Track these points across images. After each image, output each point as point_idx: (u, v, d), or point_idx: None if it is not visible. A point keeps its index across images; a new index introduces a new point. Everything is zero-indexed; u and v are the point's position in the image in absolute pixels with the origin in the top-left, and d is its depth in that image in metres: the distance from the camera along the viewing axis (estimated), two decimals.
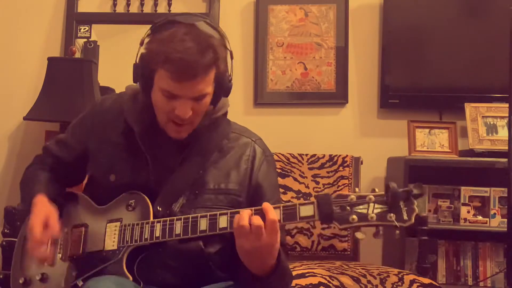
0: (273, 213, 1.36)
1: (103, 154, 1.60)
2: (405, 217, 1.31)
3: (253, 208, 1.39)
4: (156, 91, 1.48)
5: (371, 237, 1.45)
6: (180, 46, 1.40)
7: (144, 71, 1.48)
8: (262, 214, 1.36)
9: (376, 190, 1.35)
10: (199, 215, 1.44)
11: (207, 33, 1.46)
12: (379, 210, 1.32)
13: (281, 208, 1.38)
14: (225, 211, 1.43)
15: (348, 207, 1.33)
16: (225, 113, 1.65)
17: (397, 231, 1.33)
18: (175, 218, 1.46)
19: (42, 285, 1.59)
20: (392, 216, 1.31)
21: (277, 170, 2.68)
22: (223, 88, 1.52)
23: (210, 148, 1.58)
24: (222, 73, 1.50)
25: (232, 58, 1.55)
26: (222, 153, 1.59)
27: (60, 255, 1.58)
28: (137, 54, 1.51)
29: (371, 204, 1.33)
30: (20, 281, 1.62)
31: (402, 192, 1.32)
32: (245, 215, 1.36)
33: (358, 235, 1.35)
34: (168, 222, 1.46)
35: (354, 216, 1.32)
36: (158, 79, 1.46)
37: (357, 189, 1.36)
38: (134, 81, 1.53)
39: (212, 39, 1.45)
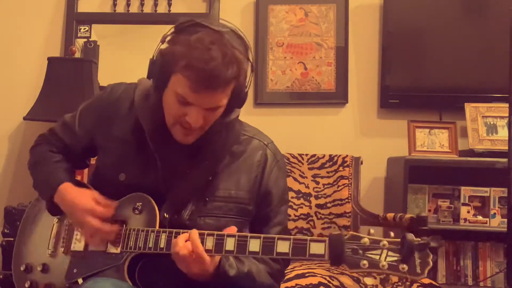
0: (196, 243, 1.37)
1: (112, 150, 1.56)
2: (418, 270, 1.26)
3: (189, 232, 1.40)
4: (169, 93, 1.43)
5: None
6: (206, 54, 1.34)
7: (161, 70, 1.42)
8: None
9: (392, 234, 1.30)
10: (205, 233, 1.40)
11: (233, 45, 1.39)
12: (391, 259, 1.27)
13: (291, 240, 1.35)
14: (232, 234, 1.39)
15: (360, 251, 1.28)
16: (237, 116, 1.62)
17: (407, 283, 1.30)
18: (181, 231, 1.42)
19: (42, 276, 1.59)
20: (404, 268, 1.26)
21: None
22: (239, 100, 1.48)
23: (221, 152, 1.54)
24: (241, 86, 1.45)
25: (252, 70, 1.49)
26: (233, 158, 1.56)
27: (63, 249, 1.58)
28: (155, 50, 1.45)
29: (384, 251, 1.28)
30: (21, 268, 1.62)
31: (418, 244, 1.26)
32: (179, 241, 1.38)
33: (367, 280, 1.31)
34: (174, 234, 1.43)
35: (365, 262, 1.28)
36: (174, 82, 1.41)
37: (372, 231, 1.31)
38: (149, 77, 1.48)
39: (238, 52, 1.40)
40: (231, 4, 3.15)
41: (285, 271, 1.67)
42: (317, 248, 1.33)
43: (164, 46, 1.45)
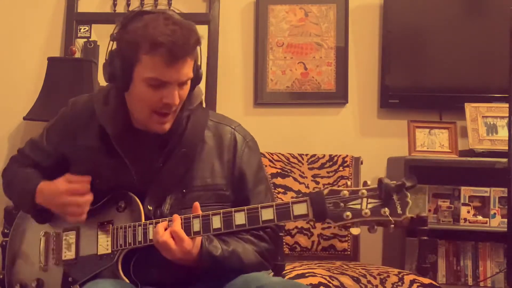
0: (177, 224, 1.40)
1: (82, 160, 1.58)
2: (399, 211, 1.31)
3: (168, 220, 1.43)
4: (138, 84, 1.45)
5: (371, 237, 1.44)
6: (166, 29, 1.40)
7: (122, 65, 1.44)
8: None
9: (369, 183, 1.34)
10: (191, 215, 1.43)
11: (181, 19, 1.47)
12: (372, 205, 1.32)
13: (274, 207, 1.38)
14: (217, 211, 1.42)
15: (341, 204, 1.33)
16: (201, 102, 1.64)
17: (392, 225, 1.32)
18: (167, 219, 1.45)
19: None
20: (386, 211, 1.31)
21: (277, 170, 2.71)
22: (198, 74, 1.52)
23: (192, 140, 1.56)
24: (197, 59, 1.50)
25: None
26: (203, 145, 1.57)
27: (54, 260, 1.58)
28: (107, 52, 1.48)
29: (364, 199, 1.32)
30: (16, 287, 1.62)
31: (395, 186, 1.31)
32: (159, 229, 1.41)
33: (353, 230, 1.34)
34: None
35: (348, 213, 1.32)
36: (141, 69, 1.43)
37: (349, 183, 1.36)
38: (107, 81, 1.50)
39: (191, 23, 1.47)
40: (231, 4, 3.15)
41: (285, 268, 1.69)
42: (300, 209, 1.36)
43: (117, 43, 1.47)
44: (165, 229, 1.42)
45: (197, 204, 1.46)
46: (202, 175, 1.55)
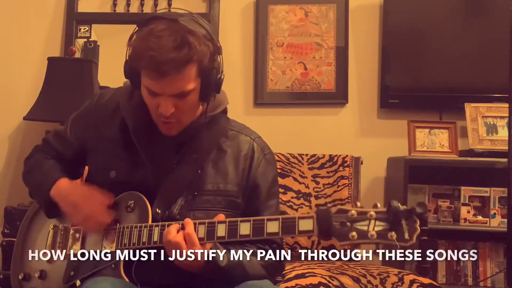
0: (190, 227, 1.40)
1: (102, 150, 1.60)
2: (407, 236, 1.29)
3: (181, 223, 1.43)
4: (142, 89, 1.48)
5: None
6: (154, 43, 1.39)
7: (130, 69, 1.48)
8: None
9: (378, 205, 1.32)
10: (197, 222, 1.43)
11: (187, 29, 1.42)
12: (380, 228, 1.29)
13: (280, 220, 1.37)
14: (223, 220, 1.42)
15: (348, 223, 1.31)
16: (224, 110, 1.64)
17: (398, 250, 1.31)
18: (180, 222, 1.45)
19: (41, 282, 1.60)
20: (393, 235, 1.28)
21: (277, 170, 2.70)
22: (211, 83, 1.48)
23: (208, 146, 1.57)
24: (208, 69, 1.46)
25: (220, 53, 1.51)
26: (221, 152, 1.58)
27: (59, 253, 1.59)
28: (126, 52, 1.51)
29: (372, 221, 1.30)
30: (20, 277, 1.63)
31: (404, 211, 1.29)
32: (172, 230, 1.41)
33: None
34: (166, 226, 1.45)
35: (354, 233, 1.30)
36: (142, 77, 1.46)
37: (358, 204, 1.34)
38: (126, 77, 1.53)
39: (191, 35, 1.41)
40: (231, 4, 3.15)
41: (285, 269, 1.68)
42: (305, 224, 1.35)
43: (129, 46, 1.49)
44: (177, 231, 1.42)
45: (221, 215, 1.46)
46: (215, 180, 1.55)
